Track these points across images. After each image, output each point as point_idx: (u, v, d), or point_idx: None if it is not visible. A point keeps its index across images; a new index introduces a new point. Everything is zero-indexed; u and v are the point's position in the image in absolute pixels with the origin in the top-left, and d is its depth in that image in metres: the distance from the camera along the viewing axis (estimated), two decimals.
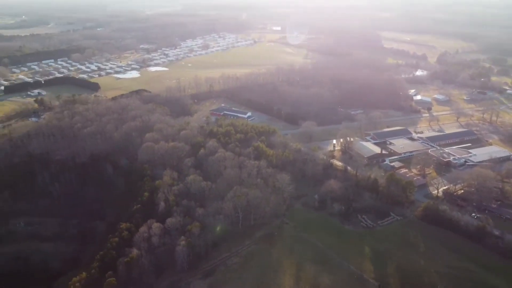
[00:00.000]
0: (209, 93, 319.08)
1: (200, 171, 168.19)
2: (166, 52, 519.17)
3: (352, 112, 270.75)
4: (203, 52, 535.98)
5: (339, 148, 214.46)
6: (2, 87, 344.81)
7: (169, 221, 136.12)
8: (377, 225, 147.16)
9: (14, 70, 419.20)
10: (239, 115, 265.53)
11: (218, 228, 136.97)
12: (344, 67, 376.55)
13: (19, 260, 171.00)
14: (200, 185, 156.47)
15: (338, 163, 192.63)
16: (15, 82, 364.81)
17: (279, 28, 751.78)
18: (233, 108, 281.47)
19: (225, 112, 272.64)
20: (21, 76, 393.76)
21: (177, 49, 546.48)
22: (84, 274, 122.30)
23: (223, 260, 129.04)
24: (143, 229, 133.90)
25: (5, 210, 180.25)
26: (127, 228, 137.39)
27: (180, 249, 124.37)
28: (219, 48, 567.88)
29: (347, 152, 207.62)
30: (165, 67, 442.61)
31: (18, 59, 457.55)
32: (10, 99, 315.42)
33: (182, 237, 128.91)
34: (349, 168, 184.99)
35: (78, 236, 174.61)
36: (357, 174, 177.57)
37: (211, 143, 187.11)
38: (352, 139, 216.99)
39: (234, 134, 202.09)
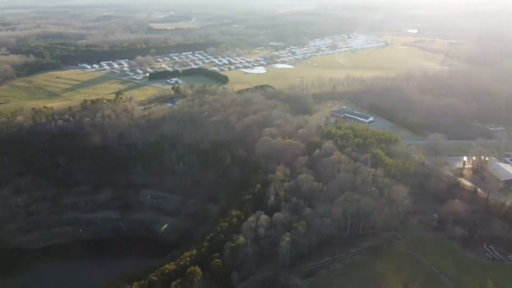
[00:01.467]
0: (331, 94, 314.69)
1: (313, 171, 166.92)
2: (293, 50, 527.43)
3: (491, 129, 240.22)
4: (330, 52, 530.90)
5: (469, 166, 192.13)
6: (148, 74, 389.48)
7: (277, 215, 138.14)
8: (507, 259, 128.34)
9: (158, 59, 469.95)
10: (360, 119, 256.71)
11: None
12: (487, 78, 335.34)
13: (142, 227, 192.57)
14: (311, 185, 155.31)
15: (466, 183, 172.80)
16: (158, 71, 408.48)
17: (415, 31, 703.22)
18: (355, 111, 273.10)
19: (345, 114, 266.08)
20: (163, 65, 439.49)
21: (304, 48, 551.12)
22: (194, 251, 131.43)
23: (325, 264, 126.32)
24: (251, 219, 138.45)
25: (138, 182, 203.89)
26: (237, 215, 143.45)
27: (284, 244, 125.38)
28: (347, 48, 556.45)
29: (479, 172, 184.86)
30: (291, 65, 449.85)
31: (163, 50, 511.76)
32: (153, 85, 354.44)
33: (288, 233, 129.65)
34: (479, 190, 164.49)
35: (193, 215, 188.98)
36: (489, 198, 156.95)
37: (328, 144, 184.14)
38: (487, 159, 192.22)
39: (352, 138, 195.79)
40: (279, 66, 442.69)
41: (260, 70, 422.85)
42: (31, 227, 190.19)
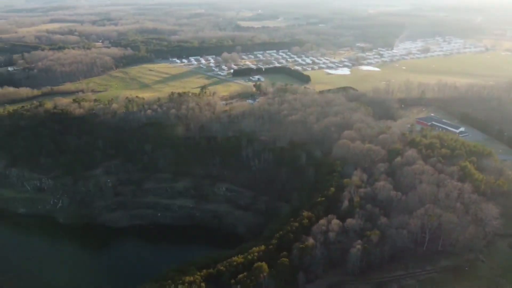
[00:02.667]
0: (419, 100, 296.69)
1: (391, 179, 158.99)
2: (381, 52, 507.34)
3: None
4: (422, 55, 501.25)
5: None
6: (232, 70, 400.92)
7: (349, 221, 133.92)
8: None
9: (243, 56, 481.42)
10: (449, 128, 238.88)
11: None
12: None
13: (215, 218, 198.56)
14: (389, 193, 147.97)
15: None
16: (242, 67, 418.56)
17: None
18: (444, 120, 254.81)
19: (433, 122, 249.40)
20: (247, 63, 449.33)
21: (393, 50, 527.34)
22: (263, 247, 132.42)
23: (396, 278, 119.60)
24: (322, 222, 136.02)
25: (214, 174, 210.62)
26: (308, 216, 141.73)
27: (354, 251, 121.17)
28: (441, 52, 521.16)
29: None
30: (377, 67, 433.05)
31: (248, 47, 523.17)
32: (236, 81, 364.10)
33: (359, 241, 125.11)
34: None
35: (264, 211, 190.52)
36: None
37: (411, 152, 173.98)
38: None
39: (438, 148, 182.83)
40: (364, 68, 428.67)
41: (344, 71, 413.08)
42: (116, 206, 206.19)
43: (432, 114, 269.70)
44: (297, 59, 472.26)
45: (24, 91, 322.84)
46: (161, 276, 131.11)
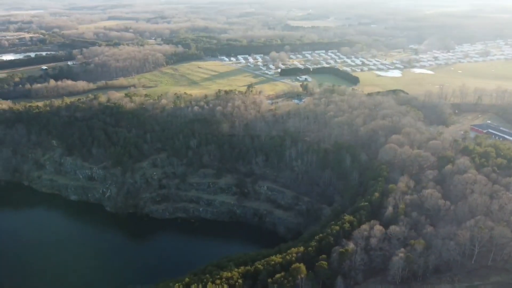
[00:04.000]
0: (475, 106, 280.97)
1: (440, 187, 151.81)
2: (436, 55, 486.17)
3: None
4: (480, 59, 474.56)
5: None
6: (279, 70, 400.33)
7: (393, 228, 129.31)
8: None
9: (291, 56, 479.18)
10: (507, 137, 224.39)
11: None
12: None
13: (256, 216, 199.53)
14: (437, 202, 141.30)
15: None
16: (290, 67, 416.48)
17: None
18: (502, 128, 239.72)
19: (489, 130, 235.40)
20: (295, 62, 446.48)
21: (449, 53, 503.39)
22: (301, 248, 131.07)
23: None
24: (364, 227, 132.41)
25: (257, 172, 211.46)
26: (350, 221, 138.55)
27: (396, 260, 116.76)
28: (501, 56, 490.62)
29: None
30: (431, 70, 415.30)
31: (297, 47, 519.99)
32: (283, 80, 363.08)
33: (402, 249, 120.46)
34: None
35: (305, 212, 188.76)
36: None
37: (463, 160, 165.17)
38: None
39: (494, 158, 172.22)
40: (417, 71, 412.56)
41: (395, 73, 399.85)
42: (160, 198, 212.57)
43: (489, 121, 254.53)
44: (346, 60, 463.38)
45: (81, 84, 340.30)
46: (200, 269, 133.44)
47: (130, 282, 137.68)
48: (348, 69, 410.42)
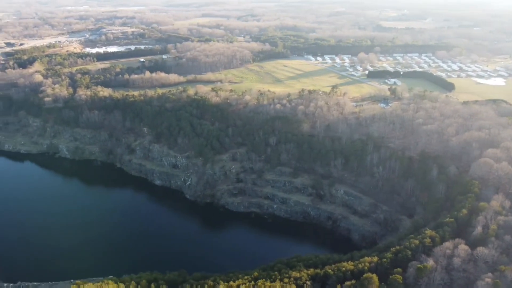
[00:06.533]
0: None
1: None
2: None
3: None
4: None
5: None
6: (367, 72, 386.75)
7: (481, 250, 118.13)
8: None
9: (380, 58, 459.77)
10: None
11: None
12: None
13: (330, 219, 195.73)
14: None
15: None
16: (378, 69, 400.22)
17: None
18: None
19: None
20: (384, 65, 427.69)
21: None
22: (375, 258, 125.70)
23: None
24: (448, 244, 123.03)
25: (334, 175, 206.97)
26: (431, 236, 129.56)
27: (482, 285, 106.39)
28: None
29: None
30: None
31: (388, 49, 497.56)
32: (369, 83, 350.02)
33: (490, 274, 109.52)
34: None
35: (383, 222, 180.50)
36: None
37: None
38: None
39: None
40: None
41: (498, 81, 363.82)
42: (237, 192, 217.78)
43: None
44: (442, 64, 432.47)
45: (173, 77, 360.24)
46: (269, 266, 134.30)
47: (200, 269, 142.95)
48: (443, 74, 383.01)
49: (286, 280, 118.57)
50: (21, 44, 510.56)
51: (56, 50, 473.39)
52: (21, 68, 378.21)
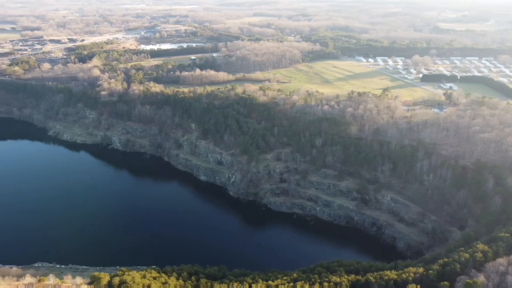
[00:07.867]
0: None
1: None
2: None
3: None
4: None
5: None
6: (420, 75, 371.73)
7: None
8: None
9: (436, 61, 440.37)
10: None
11: None
12: None
13: (374, 226, 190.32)
14: None
15: None
16: (433, 73, 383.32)
17: None
18: None
19: None
20: (440, 68, 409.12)
21: None
22: (421, 269, 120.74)
23: None
24: (501, 260, 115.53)
25: (381, 181, 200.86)
26: (483, 250, 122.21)
27: None
28: None
29: None
30: None
31: (444, 51, 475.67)
32: (423, 87, 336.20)
33: None
34: None
35: (431, 232, 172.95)
36: None
37: None
38: None
39: None
40: None
41: None
42: (280, 192, 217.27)
43: None
44: (504, 69, 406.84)
45: (222, 75, 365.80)
46: (309, 268, 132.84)
47: (240, 265, 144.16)
48: (505, 79, 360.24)
49: (325, 284, 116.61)
50: (82, 40, 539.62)
51: (114, 46, 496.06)
52: (81, 63, 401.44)
